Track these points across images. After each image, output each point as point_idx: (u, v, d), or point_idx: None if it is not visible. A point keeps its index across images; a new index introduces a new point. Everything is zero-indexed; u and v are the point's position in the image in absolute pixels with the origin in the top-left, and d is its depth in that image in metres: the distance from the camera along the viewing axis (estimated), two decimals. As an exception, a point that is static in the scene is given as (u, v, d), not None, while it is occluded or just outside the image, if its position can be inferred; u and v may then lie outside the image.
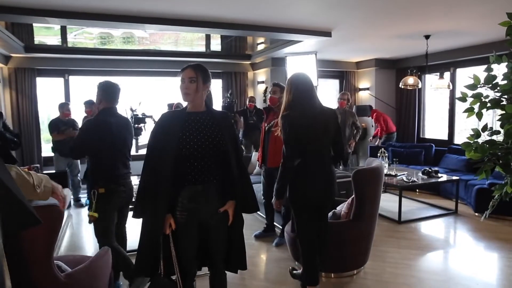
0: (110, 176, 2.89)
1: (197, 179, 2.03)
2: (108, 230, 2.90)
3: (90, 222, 2.83)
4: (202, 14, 4.47)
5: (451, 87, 6.18)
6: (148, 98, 7.97)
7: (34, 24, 6.21)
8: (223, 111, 2.25)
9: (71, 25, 5.89)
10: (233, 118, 6.93)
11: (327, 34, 5.36)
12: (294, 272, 3.25)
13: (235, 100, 7.57)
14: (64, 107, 5.88)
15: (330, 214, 3.40)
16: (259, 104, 7.61)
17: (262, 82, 8.07)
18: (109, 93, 3.05)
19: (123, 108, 6.46)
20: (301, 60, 7.04)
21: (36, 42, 6.64)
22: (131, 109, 6.83)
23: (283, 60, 7.28)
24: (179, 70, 2.12)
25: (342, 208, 3.48)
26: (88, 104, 5.67)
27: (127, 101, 7.22)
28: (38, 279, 2.13)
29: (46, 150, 6.95)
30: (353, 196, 3.30)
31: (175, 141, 2.00)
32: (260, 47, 7.42)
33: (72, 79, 7.31)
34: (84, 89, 7.72)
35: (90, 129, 2.90)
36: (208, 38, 7.46)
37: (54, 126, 5.78)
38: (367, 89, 8.51)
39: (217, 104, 7.88)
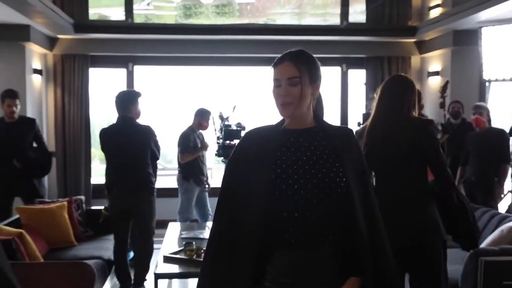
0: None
1: (298, 239, 2.03)
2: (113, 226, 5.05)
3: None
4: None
5: None
6: (249, 101, 7.94)
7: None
8: (345, 128, 2.32)
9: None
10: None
11: None
12: None
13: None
14: (204, 117, 6.40)
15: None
16: (430, 111, 7.42)
17: (437, 73, 7.78)
18: (117, 103, 4.88)
19: (210, 116, 6.48)
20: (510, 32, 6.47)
21: (92, 17, 7.20)
22: (221, 117, 6.83)
23: (474, 34, 6.82)
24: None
25: None
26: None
27: (217, 106, 7.21)
28: None
29: (99, 173, 7.22)
30: None
31: (264, 178, 2.03)
32: (434, 13, 7.28)
33: (138, 70, 7.72)
34: (157, 84, 8.08)
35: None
36: (345, 3, 7.70)
37: (187, 140, 6.19)
38: None
39: (357, 112, 7.92)
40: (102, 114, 8.55)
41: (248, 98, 8.15)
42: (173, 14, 7.91)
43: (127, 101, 4.82)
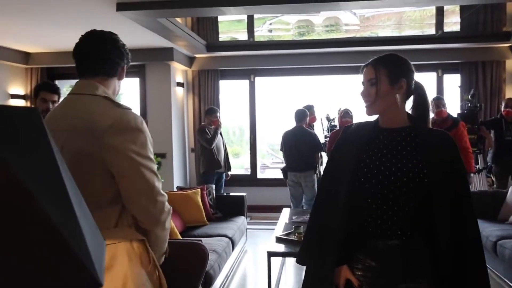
0: None
1: (375, 229, 2.00)
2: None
3: None
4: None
5: None
6: (352, 104, 8.56)
7: (219, 19, 7.71)
8: (442, 132, 2.10)
9: (251, 13, 6.85)
10: (477, 133, 6.92)
11: None
12: None
13: (481, 105, 7.45)
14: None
15: None
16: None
17: (531, 75, 7.24)
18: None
19: (318, 118, 7.17)
20: None
21: (223, 39, 8.10)
22: (328, 118, 7.52)
23: None
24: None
25: None
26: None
27: (325, 108, 7.71)
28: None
29: (236, 166, 7.91)
30: None
31: (349, 170, 2.02)
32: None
33: (259, 80, 8.49)
34: (273, 92, 8.91)
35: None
36: (440, 13, 7.66)
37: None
38: None
39: (452, 112, 7.66)
40: (231, 118, 9.33)
41: (351, 102, 8.74)
42: (290, 34, 8.58)
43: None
